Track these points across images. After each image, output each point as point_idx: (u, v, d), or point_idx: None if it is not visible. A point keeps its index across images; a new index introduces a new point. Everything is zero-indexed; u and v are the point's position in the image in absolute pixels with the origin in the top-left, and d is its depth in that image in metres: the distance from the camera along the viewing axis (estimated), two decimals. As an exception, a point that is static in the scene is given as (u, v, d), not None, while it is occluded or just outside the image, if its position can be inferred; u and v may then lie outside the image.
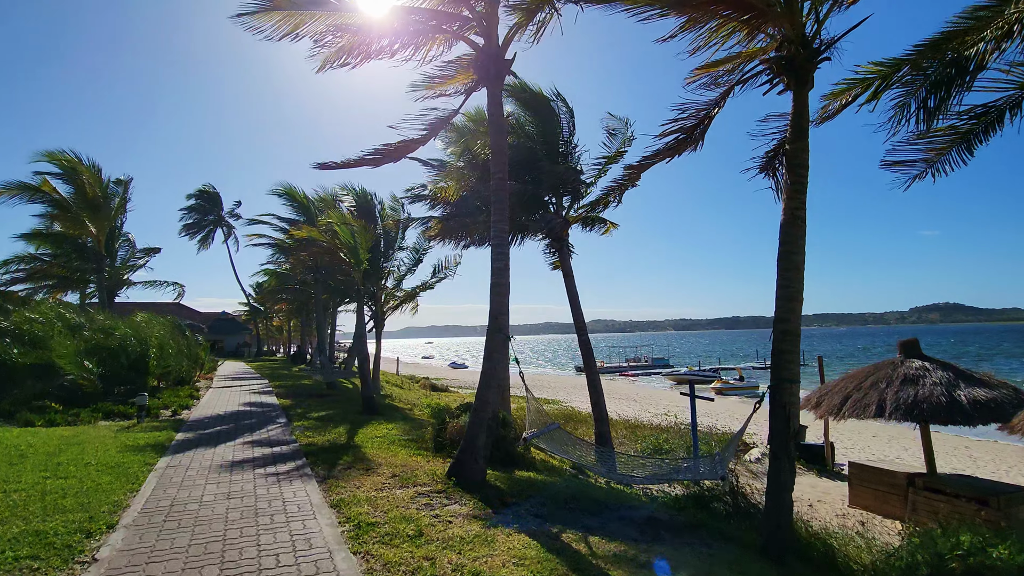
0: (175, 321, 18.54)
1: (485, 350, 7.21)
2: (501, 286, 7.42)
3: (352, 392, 18.30)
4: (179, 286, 28.73)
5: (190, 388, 15.50)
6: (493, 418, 6.92)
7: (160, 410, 11.74)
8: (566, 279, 13.24)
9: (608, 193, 13.16)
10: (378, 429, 10.36)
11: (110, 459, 7.06)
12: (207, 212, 50.42)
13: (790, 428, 5.79)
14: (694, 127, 6.79)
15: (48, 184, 17.91)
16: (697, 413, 28.39)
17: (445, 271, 23.38)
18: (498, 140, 7.88)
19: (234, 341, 56.29)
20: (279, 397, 15.11)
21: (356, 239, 14.09)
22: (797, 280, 6.08)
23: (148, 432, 9.10)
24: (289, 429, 9.89)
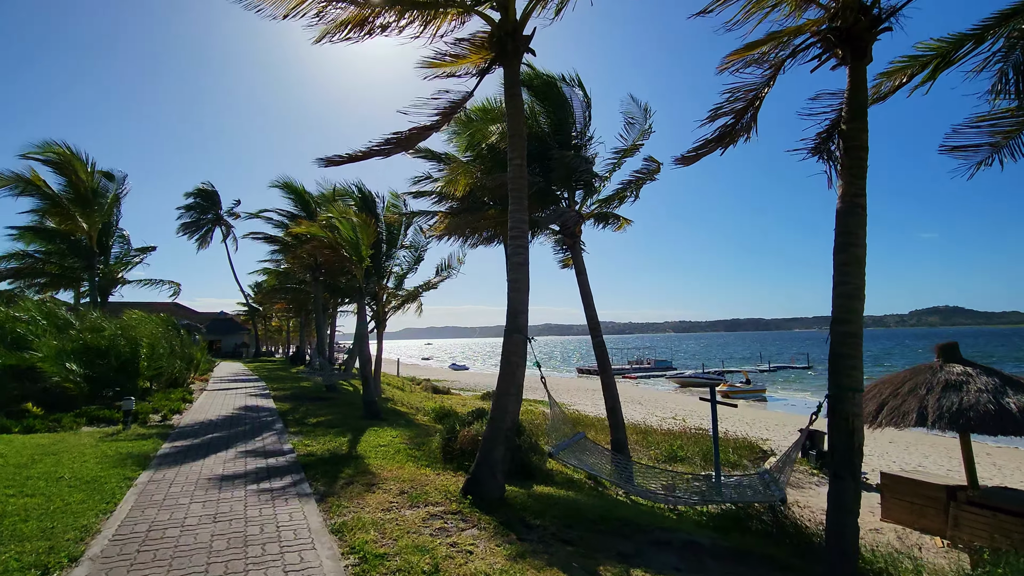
0: (169, 320, 17.82)
1: (503, 352, 6.52)
2: (519, 282, 6.73)
3: (352, 395, 17.59)
4: (175, 285, 27.97)
5: (183, 391, 14.78)
6: (512, 428, 6.23)
7: (149, 415, 11.03)
8: (579, 277, 12.55)
9: (625, 187, 12.49)
10: (381, 437, 9.66)
11: (86, 472, 6.35)
12: (205, 211, 49.78)
13: (854, 443, 5.10)
14: (743, 110, 6.09)
15: (38, 177, 17.21)
16: (705, 418, 27.58)
17: (448, 270, 22.69)
18: (515, 123, 7.19)
19: (232, 342, 55.57)
20: (276, 401, 14.40)
21: (358, 234, 13.40)
22: (858, 276, 5.40)
23: (133, 441, 8.39)
24: (286, 437, 9.19)
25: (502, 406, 6.29)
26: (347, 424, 10.88)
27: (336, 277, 20.24)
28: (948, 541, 9.39)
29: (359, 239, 13.39)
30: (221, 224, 50.40)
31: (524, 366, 6.47)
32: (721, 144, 6.41)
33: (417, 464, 7.71)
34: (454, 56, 8.00)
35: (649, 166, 11.62)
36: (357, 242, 13.37)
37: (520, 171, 7.08)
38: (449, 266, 22.43)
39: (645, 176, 11.94)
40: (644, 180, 12.06)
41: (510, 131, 7.23)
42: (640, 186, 12.25)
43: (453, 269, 22.46)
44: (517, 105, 7.25)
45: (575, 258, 12.65)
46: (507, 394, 6.32)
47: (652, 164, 11.61)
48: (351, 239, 13.26)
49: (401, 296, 24.36)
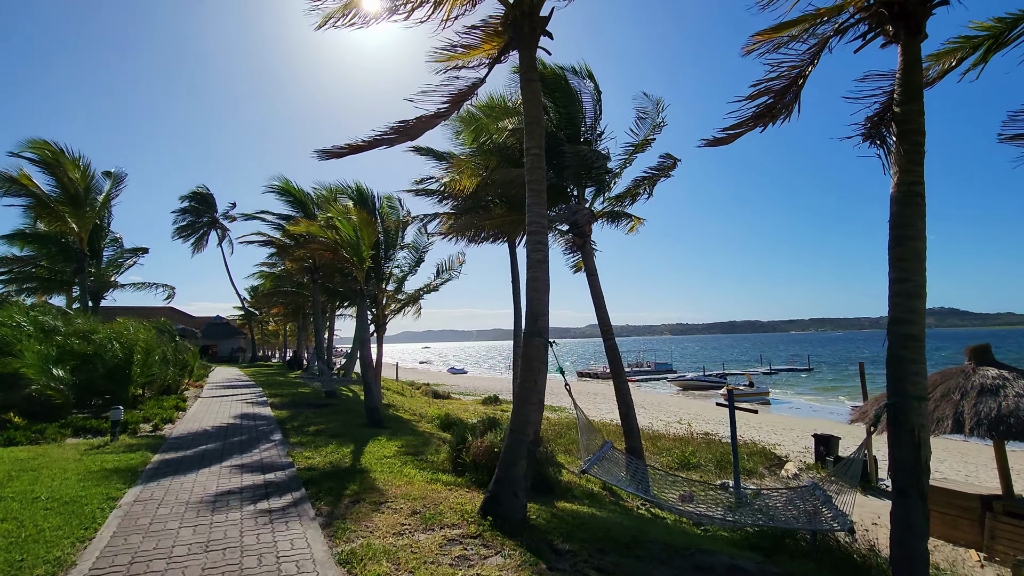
0: (162, 325, 17.20)
1: (522, 357, 5.99)
2: (539, 281, 6.20)
3: (352, 401, 17.00)
4: (169, 288, 27.41)
5: (176, 398, 14.18)
6: (534, 441, 5.70)
7: (140, 424, 10.43)
8: (590, 279, 12.02)
9: (638, 184, 12.00)
10: (386, 447, 9.10)
11: (66, 491, 5.78)
12: (201, 214, 49.18)
13: (920, 457, 4.58)
14: (785, 89, 5.58)
15: (26, 176, 16.60)
16: (711, 422, 26.91)
17: (449, 272, 22.15)
18: (533, 109, 6.68)
19: (228, 346, 54.82)
20: (274, 408, 13.80)
21: (359, 234, 12.87)
22: (918, 272, 4.89)
23: (120, 454, 7.79)
24: (285, 448, 8.61)
25: (523, 416, 5.75)
26: (349, 433, 10.31)
27: (335, 280, 19.68)
28: (984, 554, 8.90)
29: (360, 239, 12.85)
30: (217, 227, 49.82)
31: (546, 372, 5.94)
32: (759, 123, 5.89)
33: (427, 477, 7.15)
34: (465, 47, 7.47)
35: (664, 162, 11.13)
36: (358, 243, 12.83)
37: (538, 161, 6.57)
38: (450, 268, 21.90)
39: (659, 173, 11.45)
40: (658, 177, 11.57)
41: (527, 118, 6.72)
42: (654, 183, 11.75)
43: (454, 271, 21.93)
44: (534, 91, 6.74)
45: (586, 259, 12.13)
46: (527, 403, 5.78)
47: (668, 160, 11.12)
48: (351, 239, 12.72)
49: (401, 299, 23.81)
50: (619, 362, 11.71)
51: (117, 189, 18.53)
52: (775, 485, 13.36)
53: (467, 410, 26.50)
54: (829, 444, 15.96)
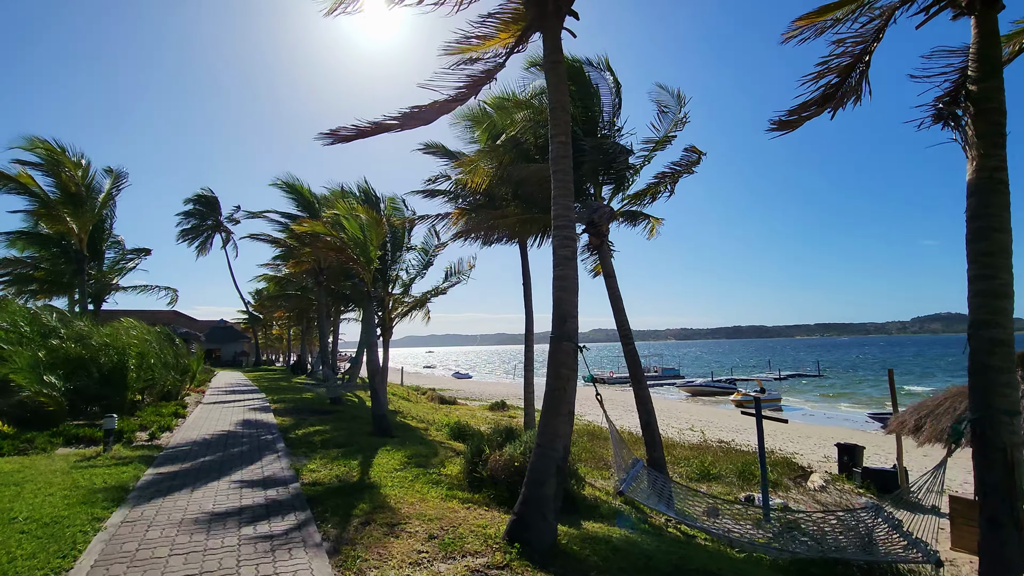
0: (163, 327, 16.73)
1: (550, 364, 5.43)
2: (567, 280, 5.64)
3: (358, 408, 16.46)
4: (172, 291, 26.96)
5: (176, 404, 13.66)
6: (564, 457, 5.12)
7: (136, 432, 9.91)
8: (608, 281, 11.45)
9: (659, 181, 11.44)
10: (395, 458, 8.54)
11: (48, 511, 5.24)
12: (205, 217, 48.92)
13: (1014, 481, 3.99)
14: (850, 66, 4.99)
15: (26, 175, 16.19)
16: (725, 429, 26.13)
17: (459, 275, 21.60)
18: (558, 95, 6.14)
19: (232, 350, 54.44)
20: (277, 415, 13.27)
21: (366, 233, 12.35)
22: (1004, 268, 4.31)
23: (111, 467, 7.26)
24: (288, 460, 8.06)
25: (551, 429, 5.18)
26: (355, 442, 9.75)
27: (340, 282, 19.18)
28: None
29: (367, 239, 12.33)
30: (221, 230, 49.54)
31: (576, 379, 5.38)
32: (826, 106, 5.32)
33: (441, 493, 6.59)
34: (480, 37, 6.94)
35: (689, 157, 10.56)
36: (365, 242, 12.31)
37: (564, 150, 6.03)
38: (459, 271, 21.36)
39: (683, 169, 10.88)
40: (681, 173, 11.01)
41: (552, 104, 6.19)
42: (676, 180, 11.18)
43: (463, 274, 21.39)
44: (559, 74, 6.20)
45: (603, 261, 11.56)
46: (556, 414, 5.21)
47: (692, 155, 10.55)
48: (358, 239, 12.20)
49: (408, 302, 23.28)
50: (639, 368, 11.13)
51: (118, 187, 18.11)
52: (802, 497, 12.72)
53: (474, 416, 25.92)
54: (854, 454, 15.30)
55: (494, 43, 7.11)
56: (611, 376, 62.20)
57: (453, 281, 21.90)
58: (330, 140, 6.16)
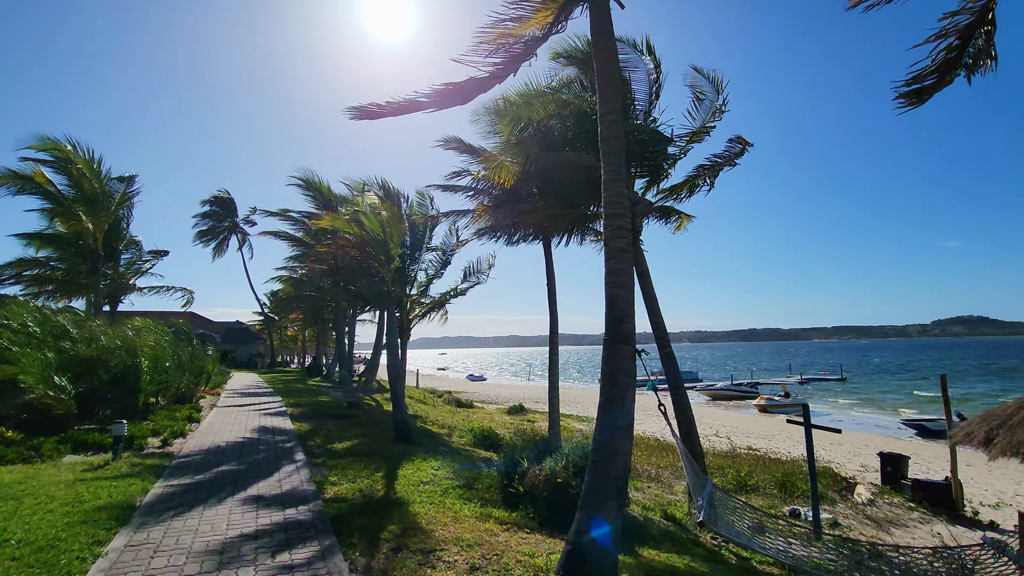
0: (178, 328, 16.33)
1: (604, 371, 4.78)
2: (622, 275, 5.00)
3: (376, 412, 15.91)
4: (188, 292, 26.69)
5: (190, 407, 13.21)
6: (625, 477, 4.47)
7: (148, 438, 9.42)
8: (642, 280, 10.75)
9: (698, 174, 10.71)
10: (422, 469, 7.92)
11: (46, 532, 4.69)
12: (222, 218, 49.01)
13: None
14: (971, 27, 4.21)
15: (41, 175, 15.93)
16: (752, 435, 25.10)
17: (478, 275, 21.02)
18: (608, 68, 5.51)
19: (247, 351, 54.48)
20: (294, 419, 12.74)
21: (386, 230, 11.81)
22: None
23: (119, 478, 6.72)
24: (307, 471, 7.48)
25: (609, 445, 4.52)
26: (378, 451, 9.16)
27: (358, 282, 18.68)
28: None
29: (388, 236, 11.79)
30: (237, 232, 49.59)
31: (635, 388, 4.72)
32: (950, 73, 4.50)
33: (475, 511, 5.95)
34: (514, 20, 6.30)
35: (732, 148, 9.83)
36: (385, 239, 11.76)
37: (615, 129, 5.38)
38: (478, 271, 20.78)
39: (724, 161, 10.15)
40: (722, 166, 10.27)
41: (601, 79, 5.55)
42: (717, 173, 10.45)
43: (483, 274, 20.80)
44: (609, 46, 5.57)
45: (636, 259, 10.87)
46: (615, 428, 4.56)
47: (736, 146, 9.81)
48: (378, 236, 11.66)
49: (426, 304, 22.75)
50: (678, 374, 10.41)
51: (132, 189, 17.80)
52: (849, 512, 11.89)
53: (493, 420, 25.30)
54: (898, 464, 14.41)
55: (530, 24, 6.47)
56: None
57: (472, 281, 21.32)
58: (356, 115, 5.58)
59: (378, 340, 26.05)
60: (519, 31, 6.38)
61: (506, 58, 6.09)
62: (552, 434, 15.17)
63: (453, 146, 15.26)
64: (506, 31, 6.35)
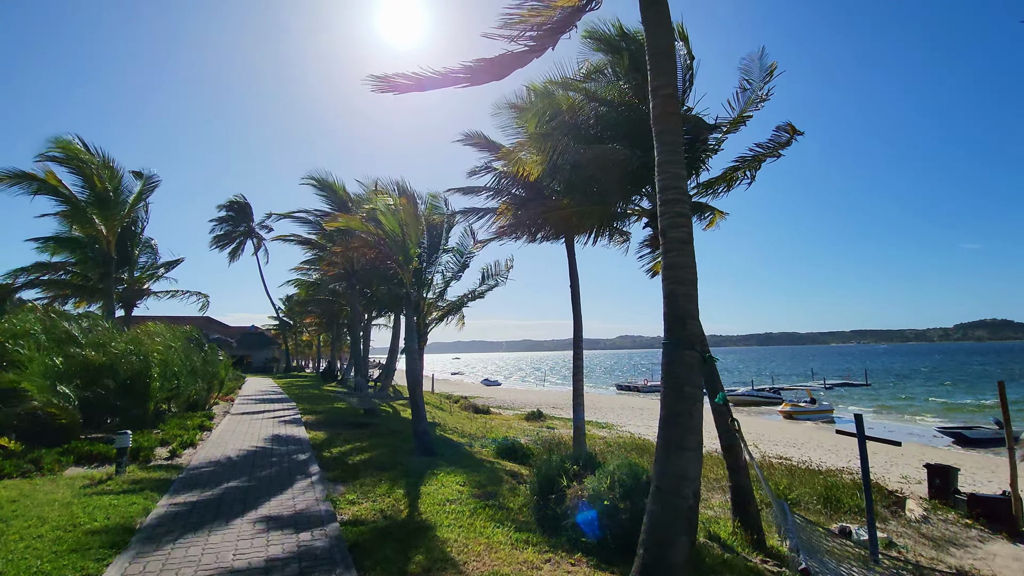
0: (191, 333, 15.95)
1: (665, 381, 4.11)
2: (684, 269, 4.34)
3: (394, 420, 15.33)
4: (203, 297, 26.46)
5: (203, 415, 12.74)
6: (695, 507, 3.79)
7: (156, 448, 8.92)
8: None
9: (738, 166, 9.99)
10: (446, 485, 7.29)
11: (29, 563, 4.14)
12: (238, 223, 49.11)
13: None
14: None
15: (53, 176, 15.66)
16: (780, 443, 24.06)
17: (496, 277, 20.43)
18: (659, 37, 4.88)
19: (262, 356, 54.46)
20: (309, 428, 12.20)
21: (404, 230, 11.25)
22: None
23: (120, 495, 6.18)
24: (323, 488, 6.88)
25: (675, 468, 3.85)
26: (398, 463, 8.55)
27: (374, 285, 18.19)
28: None
29: (406, 236, 11.24)
30: (253, 236, 49.66)
31: (702, 400, 4.06)
32: None
33: (509, 537, 5.30)
34: None
35: (779, 137, 9.08)
36: (403, 239, 11.21)
37: (671, 103, 4.74)
38: (496, 273, 20.19)
39: (769, 151, 9.40)
40: (765, 156, 9.53)
41: (652, 51, 4.91)
42: (759, 164, 9.72)
43: (500, 276, 20.20)
44: (661, 12, 4.93)
45: None
46: (681, 448, 3.89)
47: (783, 135, 9.05)
48: (396, 235, 11.10)
49: (442, 307, 22.20)
50: (719, 382, 9.63)
51: (147, 189, 17.49)
52: (904, 531, 11.02)
53: (511, 427, 24.66)
54: (947, 476, 13.42)
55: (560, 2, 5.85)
56: (646, 384, 60.17)
57: (491, 284, 20.72)
58: (378, 87, 4.98)
59: (393, 345, 25.51)
60: (552, 8, 5.78)
61: (543, 32, 5.47)
62: (577, 443, 14.47)
63: (473, 142, 14.70)
64: (535, 12, 5.74)
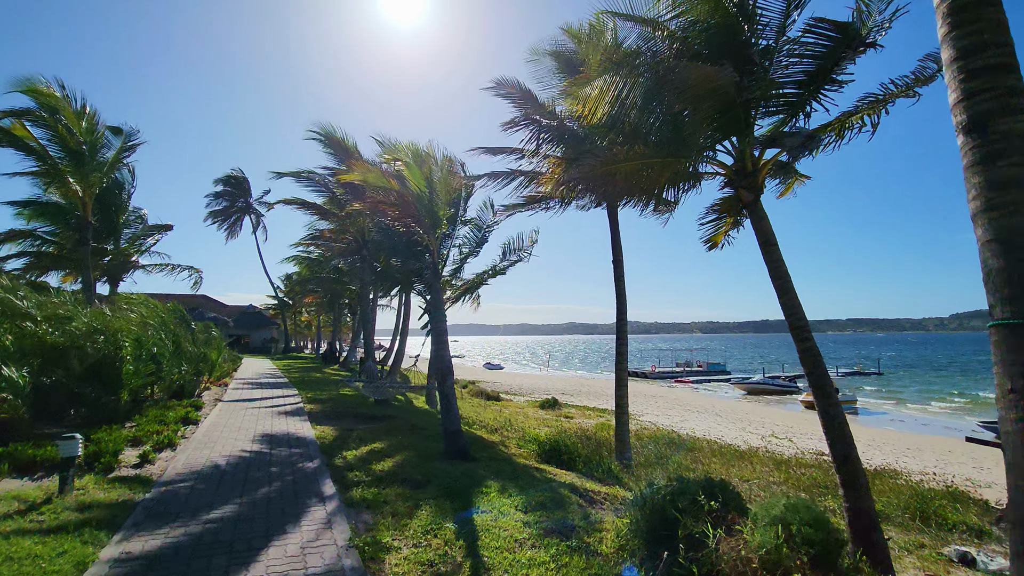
0: (175, 305, 13.96)
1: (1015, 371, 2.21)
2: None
3: (410, 412, 13.47)
4: (196, 271, 24.41)
5: (189, 404, 10.85)
6: None
7: (123, 451, 7.01)
8: (768, 250, 8.03)
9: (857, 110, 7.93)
10: (503, 511, 5.41)
11: None
12: (235, 198, 47.03)
13: None
14: None
15: (21, 126, 13.51)
16: (814, 437, 22.08)
17: (519, 252, 18.45)
18: None
19: (260, 336, 52.62)
20: (315, 422, 10.30)
21: (433, 188, 9.27)
22: None
23: (50, 537, 4.22)
24: (344, 519, 4.99)
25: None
26: (430, 474, 6.66)
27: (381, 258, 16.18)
28: None
29: (434, 194, 9.26)
30: (251, 213, 47.61)
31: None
32: None
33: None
34: None
35: (925, 69, 7.01)
36: (431, 198, 9.23)
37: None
38: (519, 247, 18.20)
39: (901, 91, 7.36)
40: (895, 97, 7.49)
41: None
42: (883, 107, 7.69)
43: (524, 251, 18.22)
44: None
45: (758, 223, 8.13)
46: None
47: (929, 66, 6.99)
48: (423, 194, 9.12)
49: (458, 286, 20.25)
50: (824, 375, 7.70)
51: (128, 147, 15.30)
52: None
53: (527, 416, 22.93)
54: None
55: None
56: (653, 371, 58.58)
57: (512, 260, 18.72)
58: None
59: (403, 327, 23.67)
60: None
61: None
62: (620, 442, 12.65)
63: (506, 92, 12.63)
64: None
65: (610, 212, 13.33)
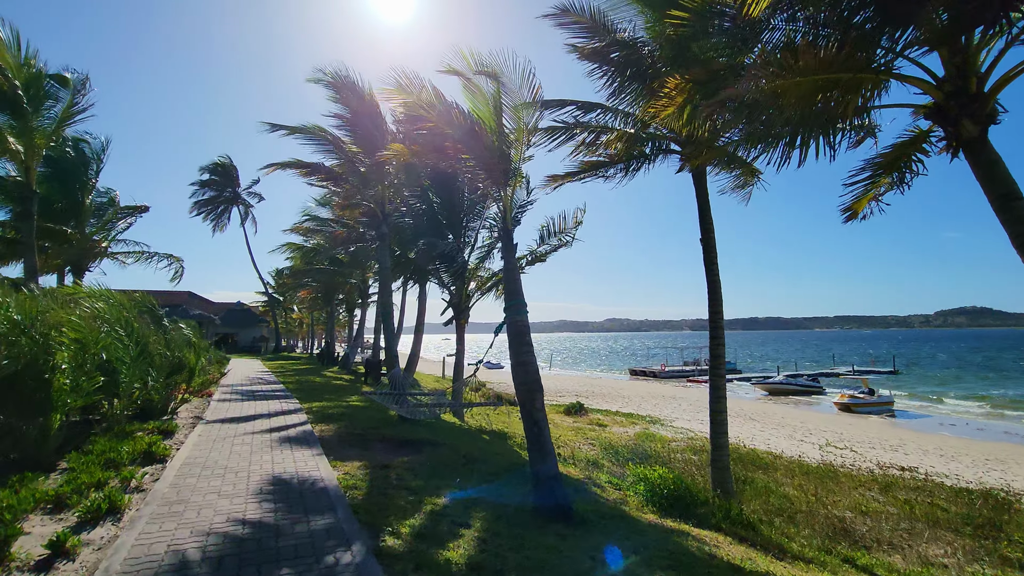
0: (145, 299, 10.99)
1: None
2: None
3: (446, 431, 10.62)
4: (176, 260, 21.35)
5: (155, 429, 7.96)
6: None
7: (18, 534, 4.17)
8: (1008, 206, 5.42)
9: None
10: None
11: None
12: (223, 188, 43.95)
13: None
14: None
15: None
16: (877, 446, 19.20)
17: (560, 235, 15.68)
18: None
19: (249, 335, 49.43)
20: (331, 455, 7.37)
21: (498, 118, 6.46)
22: None
23: None
24: None
25: None
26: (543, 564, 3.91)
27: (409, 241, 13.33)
28: None
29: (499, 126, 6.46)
30: (239, 204, 44.54)
31: None
32: None
33: None
34: None
35: None
36: (499, 129, 6.42)
37: None
38: (562, 230, 15.44)
39: None
40: None
41: None
42: None
43: (567, 233, 15.46)
44: None
45: (990, 169, 5.58)
46: None
47: None
48: (491, 127, 6.31)
49: (482, 277, 17.45)
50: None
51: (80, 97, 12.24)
52: None
53: (555, 424, 20.20)
54: None
55: None
56: (663, 369, 56.10)
57: (553, 244, 15.92)
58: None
59: (419, 323, 20.84)
60: None
61: None
62: (719, 470, 9.91)
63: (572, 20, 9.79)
64: None
65: (698, 181, 10.60)
